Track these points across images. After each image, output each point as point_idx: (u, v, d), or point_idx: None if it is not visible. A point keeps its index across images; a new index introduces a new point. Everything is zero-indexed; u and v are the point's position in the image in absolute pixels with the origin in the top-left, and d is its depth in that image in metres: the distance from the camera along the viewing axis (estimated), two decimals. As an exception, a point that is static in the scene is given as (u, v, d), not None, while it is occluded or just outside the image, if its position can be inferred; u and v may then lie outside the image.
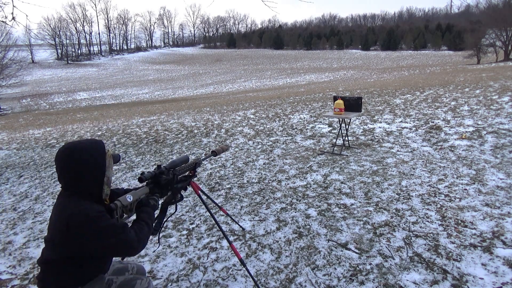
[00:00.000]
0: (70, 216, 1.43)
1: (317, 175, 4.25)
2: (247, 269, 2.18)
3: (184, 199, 3.84)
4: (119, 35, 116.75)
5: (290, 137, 6.44)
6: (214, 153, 2.33)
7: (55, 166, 1.56)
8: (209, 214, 3.14)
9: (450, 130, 5.74)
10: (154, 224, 1.83)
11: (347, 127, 5.52)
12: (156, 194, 1.80)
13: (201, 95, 28.36)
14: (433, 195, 3.35)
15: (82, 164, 1.51)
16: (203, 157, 2.29)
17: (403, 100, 9.45)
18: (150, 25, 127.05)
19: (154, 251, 2.85)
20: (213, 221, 3.20)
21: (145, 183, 1.78)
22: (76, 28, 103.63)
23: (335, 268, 2.36)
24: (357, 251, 2.53)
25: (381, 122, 6.87)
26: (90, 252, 1.48)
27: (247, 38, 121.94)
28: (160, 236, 3.04)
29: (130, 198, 1.62)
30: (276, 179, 4.27)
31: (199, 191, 2.33)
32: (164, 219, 2.00)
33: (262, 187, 4.03)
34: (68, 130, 11.18)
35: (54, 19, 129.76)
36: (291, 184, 4.04)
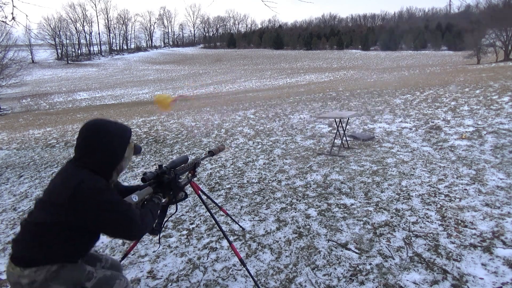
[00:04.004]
0: (80, 182, 1.40)
1: (317, 175, 4.25)
2: (247, 269, 2.18)
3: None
4: (119, 35, 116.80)
5: (290, 137, 6.44)
6: (212, 153, 2.33)
7: (78, 136, 1.53)
8: (209, 214, 3.15)
9: (450, 130, 5.74)
10: (154, 225, 1.82)
11: (345, 127, 5.51)
12: (159, 193, 1.81)
13: (201, 95, 28.35)
14: (433, 195, 3.35)
15: (101, 145, 1.49)
16: (202, 157, 2.29)
17: (403, 100, 9.45)
18: (150, 25, 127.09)
19: (154, 251, 2.85)
20: (213, 221, 3.20)
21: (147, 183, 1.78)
22: (76, 28, 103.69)
23: (335, 268, 2.36)
24: (357, 251, 2.53)
25: (381, 122, 6.87)
26: (89, 223, 1.43)
27: (247, 38, 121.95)
28: (160, 236, 3.04)
29: (135, 198, 1.62)
30: (276, 179, 4.27)
31: (199, 191, 2.33)
32: (165, 220, 2.00)
33: (262, 187, 4.03)
34: (68, 130, 11.17)
35: (54, 19, 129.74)
36: (291, 184, 4.04)
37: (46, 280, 1.44)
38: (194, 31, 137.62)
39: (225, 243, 2.84)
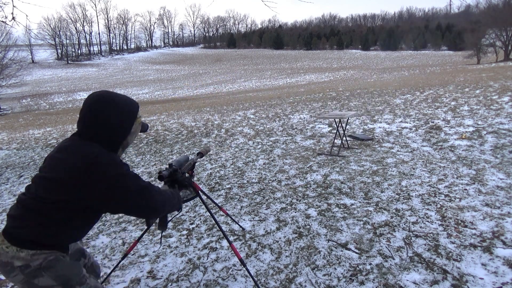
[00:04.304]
0: (96, 155, 1.29)
1: (317, 175, 4.25)
2: (247, 269, 2.18)
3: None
4: (119, 35, 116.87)
5: (290, 137, 6.44)
6: (201, 155, 2.32)
7: (82, 108, 1.41)
8: (209, 214, 3.14)
9: (450, 130, 5.74)
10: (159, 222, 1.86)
11: (345, 127, 5.51)
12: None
13: (201, 95, 28.36)
14: (433, 195, 3.35)
15: (108, 117, 1.38)
16: (195, 159, 2.29)
17: (403, 100, 9.45)
18: (150, 25, 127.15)
19: (154, 251, 2.85)
20: (213, 221, 3.20)
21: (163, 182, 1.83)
22: (76, 28, 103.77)
23: (335, 268, 2.35)
24: (357, 251, 2.53)
25: (381, 122, 6.87)
26: (101, 200, 1.31)
27: (247, 38, 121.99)
28: (161, 236, 3.04)
29: None
30: (276, 179, 4.27)
31: (199, 191, 2.33)
32: (170, 218, 2.04)
33: (262, 187, 4.03)
34: (68, 130, 11.17)
35: (54, 19, 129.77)
36: (291, 184, 4.04)
37: (41, 268, 1.33)
38: (194, 31, 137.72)
39: (225, 243, 2.84)
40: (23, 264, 1.32)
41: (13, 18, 5.70)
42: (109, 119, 1.38)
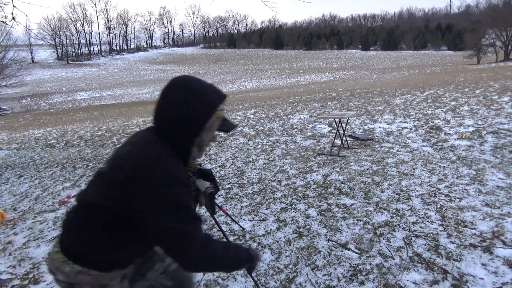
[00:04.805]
0: (149, 162, 1.03)
1: (317, 175, 4.25)
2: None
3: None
4: (119, 35, 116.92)
5: (290, 137, 6.44)
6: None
7: (161, 93, 1.18)
8: (209, 214, 3.14)
9: (450, 130, 5.74)
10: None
11: (344, 127, 5.51)
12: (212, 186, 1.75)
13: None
14: (433, 195, 3.35)
15: (180, 103, 1.11)
16: None
17: (403, 100, 9.45)
18: (150, 25, 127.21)
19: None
20: (213, 221, 3.20)
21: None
22: (76, 28, 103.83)
23: (335, 268, 2.35)
24: (357, 251, 2.53)
25: (381, 122, 6.87)
26: (136, 217, 1.05)
27: (247, 38, 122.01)
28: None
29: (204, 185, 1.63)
30: (276, 179, 4.27)
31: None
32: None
33: (262, 187, 4.03)
34: (68, 130, 11.18)
35: (54, 19, 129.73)
36: (291, 184, 4.04)
37: None
38: (194, 31, 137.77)
39: (225, 243, 2.84)
40: (65, 281, 1.11)
41: (13, 18, 5.69)
42: (180, 107, 1.11)
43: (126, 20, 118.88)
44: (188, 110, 1.11)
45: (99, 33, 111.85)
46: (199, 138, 1.16)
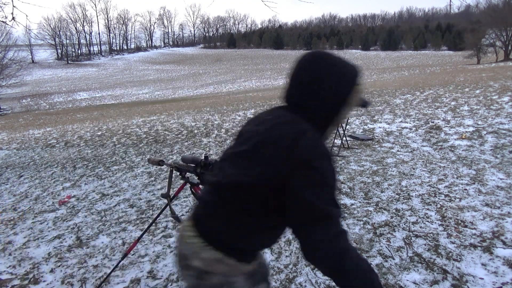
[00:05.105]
0: (304, 132, 0.99)
1: (317, 175, 4.24)
2: (247, 269, 2.18)
3: (183, 199, 3.84)
4: (119, 35, 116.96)
5: (290, 137, 6.43)
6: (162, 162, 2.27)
7: (291, 72, 1.11)
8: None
9: (450, 130, 5.74)
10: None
11: (345, 127, 5.52)
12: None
13: (201, 95, 28.37)
14: (433, 195, 3.35)
15: (323, 75, 1.05)
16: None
17: (403, 100, 9.45)
18: (150, 25, 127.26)
19: (154, 251, 2.85)
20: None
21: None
22: (76, 28, 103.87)
23: (335, 268, 2.35)
24: (357, 251, 2.53)
25: (381, 122, 6.87)
26: (289, 194, 0.96)
27: (247, 38, 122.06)
28: (160, 236, 3.04)
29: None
30: (276, 179, 4.26)
31: (199, 191, 2.32)
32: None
33: (262, 187, 4.03)
34: (68, 130, 11.18)
35: (54, 19, 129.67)
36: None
37: (221, 285, 1.04)
38: (194, 31, 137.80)
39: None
40: (201, 268, 1.04)
41: (13, 18, 5.69)
42: (323, 80, 1.04)
43: (126, 20, 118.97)
44: (332, 83, 1.05)
45: (99, 33, 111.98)
46: (338, 116, 1.09)
